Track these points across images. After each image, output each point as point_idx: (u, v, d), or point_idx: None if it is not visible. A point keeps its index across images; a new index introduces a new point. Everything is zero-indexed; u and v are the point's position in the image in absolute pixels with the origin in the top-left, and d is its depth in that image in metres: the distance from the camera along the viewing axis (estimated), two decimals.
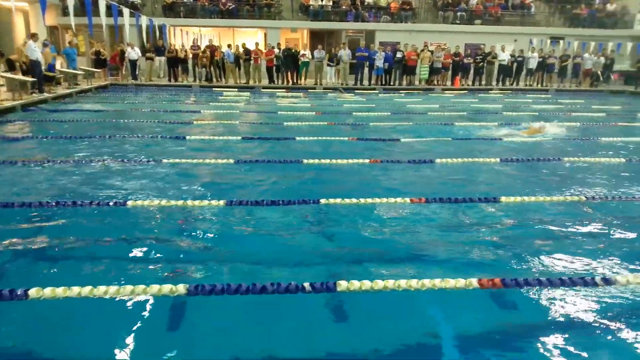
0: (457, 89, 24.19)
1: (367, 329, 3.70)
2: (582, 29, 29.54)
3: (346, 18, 28.65)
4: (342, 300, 3.97)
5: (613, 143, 11.02)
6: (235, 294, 3.66)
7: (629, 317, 3.82)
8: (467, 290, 3.89)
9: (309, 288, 3.68)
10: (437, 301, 3.98)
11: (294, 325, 3.70)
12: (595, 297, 4.06)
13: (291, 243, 5.21)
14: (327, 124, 12.96)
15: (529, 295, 4.10)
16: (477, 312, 3.96)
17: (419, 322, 3.82)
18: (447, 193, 6.63)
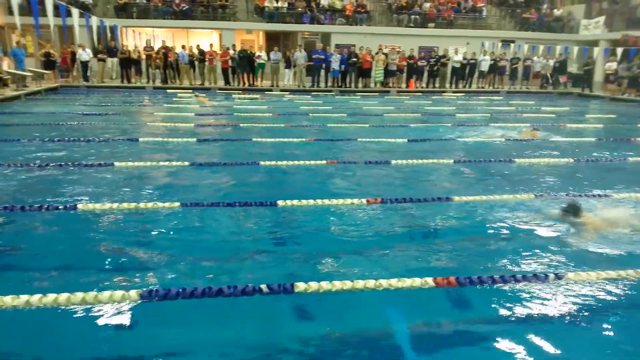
0: (411, 91, 24.49)
1: (326, 330, 3.69)
2: (531, 33, 30.35)
3: (302, 20, 28.65)
4: (300, 301, 3.94)
5: (562, 143, 11.35)
6: (191, 298, 3.61)
7: (578, 312, 3.92)
8: (424, 289, 3.94)
9: (266, 290, 3.65)
10: (395, 301, 4.00)
11: (253, 327, 3.66)
12: (547, 293, 4.16)
13: (248, 245, 5.16)
14: (284, 126, 12.94)
15: (484, 293, 4.16)
16: (433, 310, 4.00)
17: (377, 322, 3.83)
18: (403, 193, 6.71)
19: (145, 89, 22.52)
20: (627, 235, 5.50)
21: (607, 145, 11.44)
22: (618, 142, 11.91)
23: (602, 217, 5.77)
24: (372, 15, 30.18)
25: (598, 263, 4.74)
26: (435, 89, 25.02)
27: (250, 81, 24.21)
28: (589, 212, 5.77)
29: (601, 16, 29.20)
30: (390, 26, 29.66)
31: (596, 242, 5.27)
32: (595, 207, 6.18)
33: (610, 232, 5.43)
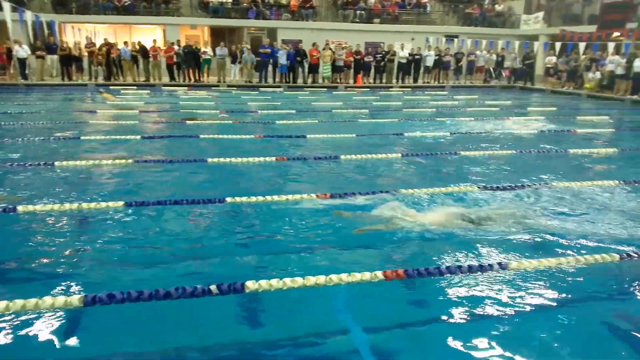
0: (359, 86, 24.63)
1: (279, 327, 3.63)
2: (474, 28, 31.04)
3: (247, 15, 28.38)
4: (252, 299, 3.87)
5: (505, 136, 11.63)
6: (137, 301, 3.48)
7: (522, 299, 4.01)
8: (374, 282, 3.93)
9: (216, 291, 3.56)
10: (346, 295, 3.99)
11: (204, 329, 3.57)
12: (492, 282, 4.23)
13: (196, 244, 5.04)
14: (232, 122, 12.77)
15: (432, 284, 4.20)
16: (384, 303, 4.01)
17: (329, 317, 3.81)
18: (352, 188, 6.71)
19: (88, 86, 21.81)
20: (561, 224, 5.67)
21: (548, 137, 11.79)
22: (559, 133, 12.29)
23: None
24: (318, 11, 30.18)
25: (542, 252, 4.87)
26: (382, 85, 25.23)
27: (196, 77, 23.82)
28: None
29: (540, 12, 30.09)
30: (336, 21, 29.73)
31: (540, 232, 5.41)
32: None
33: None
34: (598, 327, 3.74)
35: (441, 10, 32.83)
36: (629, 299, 4.18)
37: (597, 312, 3.95)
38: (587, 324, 3.77)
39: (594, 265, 4.50)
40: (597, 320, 3.83)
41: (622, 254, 4.66)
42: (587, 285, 4.32)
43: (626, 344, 3.57)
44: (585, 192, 6.96)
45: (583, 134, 12.20)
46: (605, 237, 5.33)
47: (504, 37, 29.70)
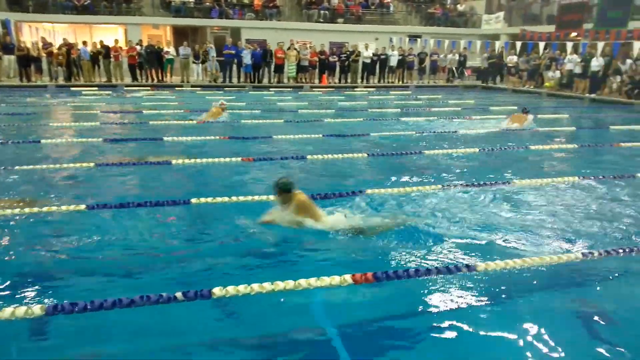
0: (324, 86, 24.64)
1: (249, 333, 3.58)
2: (437, 28, 31.36)
3: (210, 15, 28.09)
4: (220, 305, 3.81)
5: (468, 134, 11.78)
6: (100, 310, 3.39)
7: (489, 300, 4.05)
8: (343, 286, 3.92)
9: (181, 297, 3.49)
10: (316, 300, 3.97)
11: (170, 337, 3.50)
12: (460, 283, 4.26)
13: (162, 248, 4.95)
14: (196, 123, 12.62)
15: (401, 286, 4.20)
16: (354, 306, 4.00)
17: (300, 321, 3.78)
18: (318, 189, 6.68)
19: (48, 87, 21.24)
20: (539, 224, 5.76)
21: (510, 135, 11.98)
22: (521, 131, 12.50)
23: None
24: (282, 10, 30.08)
25: (505, 251, 4.93)
26: (347, 85, 25.28)
27: (159, 77, 23.47)
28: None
29: (500, 11, 30.59)
30: (300, 21, 29.68)
31: (504, 231, 5.48)
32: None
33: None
34: (564, 325, 3.80)
35: (404, 11, 33.07)
36: (593, 296, 4.25)
37: (563, 310, 4.01)
38: (554, 321, 3.83)
39: (558, 264, 4.57)
40: (563, 318, 3.89)
41: (584, 253, 4.75)
42: (551, 284, 4.39)
43: (591, 341, 3.64)
44: (546, 189, 7.09)
45: (544, 132, 12.43)
46: (567, 234, 5.44)
47: (466, 36, 30.09)
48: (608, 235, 5.44)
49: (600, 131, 13.31)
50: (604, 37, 21.62)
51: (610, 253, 4.79)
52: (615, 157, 9.89)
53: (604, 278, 4.52)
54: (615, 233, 5.51)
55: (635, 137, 12.28)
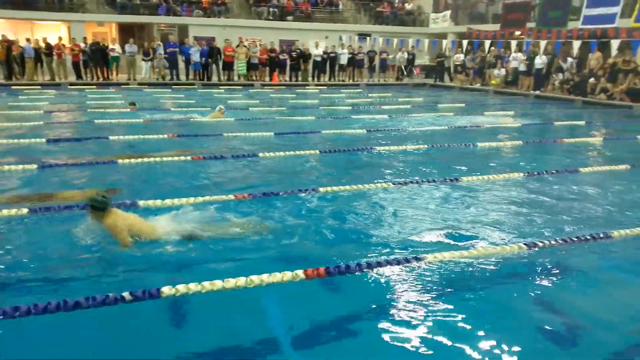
0: (275, 84, 24.54)
1: (202, 332, 3.52)
2: (385, 26, 31.68)
3: (157, 12, 27.56)
4: (171, 304, 3.72)
5: (417, 132, 11.95)
6: (44, 313, 3.26)
7: (439, 290, 4.11)
8: (295, 282, 3.90)
9: (129, 298, 3.40)
10: (269, 296, 3.93)
11: (121, 339, 3.39)
12: (410, 274, 4.31)
13: (108, 250, 4.80)
14: (143, 121, 12.34)
15: (354, 280, 4.22)
16: (307, 301, 3.99)
17: (253, 318, 3.74)
18: (271, 187, 6.65)
19: None
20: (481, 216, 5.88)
21: (458, 132, 12.22)
22: (468, 128, 12.76)
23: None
24: (230, 8, 29.79)
25: (454, 243, 5.02)
26: (298, 83, 25.25)
27: (105, 75, 22.88)
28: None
29: (447, 10, 31.15)
30: (249, 19, 29.47)
31: (452, 225, 5.57)
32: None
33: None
34: (513, 314, 3.89)
35: (353, 9, 33.28)
36: (537, 285, 4.36)
37: (511, 299, 4.09)
38: (502, 310, 3.91)
39: (503, 255, 4.69)
40: (511, 307, 3.98)
41: (528, 244, 4.89)
42: (498, 273, 4.48)
43: (538, 328, 3.73)
44: (493, 184, 7.25)
45: (490, 129, 12.72)
46: (512, 227, 5.58)
47: (415, 35, 30.51)
48: (552, 227, 5.60)
49: (545, 127, 13.71)
50: (546, 36, 22.30)
51: (552, 244, 4.95)
52: (559, 152, 10.23)
53: (547, 268, 4.65)
54: (558, 225, 5.68)
55: (577, 132, 12.72)
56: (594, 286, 4.40)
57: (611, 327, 3.73)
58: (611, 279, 4.57)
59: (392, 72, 28.19)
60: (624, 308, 4.05)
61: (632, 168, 8.49)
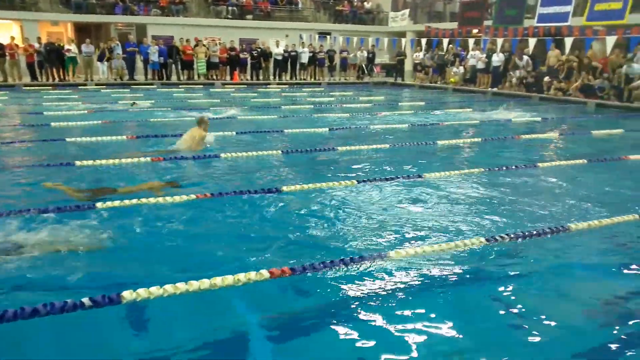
0: (236, 83, 24.35)
1: (167, 337, 3.46)
2: (345, 25, 31.78)
3: (114, 11, 27.02)
4: (134, 310, 3.65)
5: (379, 130, 12.02)
6: (1, 322, 3.16)
7: (403, 286, 4.14)
8: (260, 282, 3.88)
9: (89, 303, 3.32)
10: (234, 297, 3.89)
11: (81, 348, 3.31)
12: (375, 271, 4.34)
13: (67, 253, 4.67)
14: (101, 123, 12.08)
15: (318, 278, 4.21)
16: (273, 301, 3.97)
17: (220, 320, 3.69)
18: (233, 186, 6.59)
19: None
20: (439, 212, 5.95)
21: (418, 130, 12.35)
22: (428, 126, 12.91)
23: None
24: (189, 6, 29.44)
25: (416, 240, 5.06)
26: (259, 82, 25.12)
27: (61, 76, 22.32)
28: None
29: (406, 9, 31.43)
30: (208, 18, 29.19)
31: (414, 221, 5.62)
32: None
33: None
34: (474, 307, 3.95)
35: (313, 8, 33.29)
36: (497, 279, 4.44)
37: (472, 293, 4.16)
38: (464, 304, 3.96)
39: (463, 250, 4.77)
40: (473, 301, 4.04)
41: (489, 238, 4.98)
42: (460, 268, 4.54)
43: (498, 322, 3.80)
44: (454, 181, 7.35)
45: (450, 126, 12.90)
46: (474, 221, 5.66)
47: (374, 34, 30.69)
48: (512, 221, 5.72)
49: (503, 124, 13.96)
50: (503, 34, 22.72)
51: (512, 238, 5.06)
52: (516, 148, 10.44)
53: (507, 261, 4.75)
54: (518, 219, 5.80)
55: (534, 128, 13.00)
56: (552, 278, 4.49)
57: (569, 319, 3.83)
58: (568, 271, 4.68)
59: (352, 71, 28.31)
60: (579, 300, 4.15)
61: (588, 162, 8.73)
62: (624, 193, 7.07)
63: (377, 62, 29.16)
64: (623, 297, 4.18)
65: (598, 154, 9.52)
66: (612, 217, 5.73)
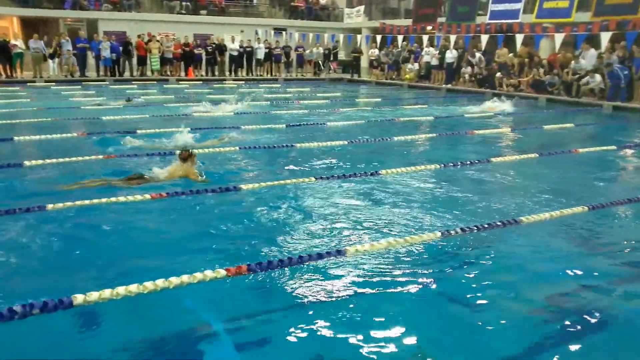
0: (191, 79, 24.02)
1: (123, 339, 3.37)
2: (301, 21, 31.73)
3: (63, 6, 26.26)
4: (86, 314, 3.54)
5: (336, 126, 12.05)
6: None
7: (362, 281, 4.16)
8: (218, 280, 3.83)
9: (38, 311, 3.20)
10: (190, 297, 3.82)
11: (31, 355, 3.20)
12: (333, 268, 4.34)
13: (15, 257, 4.51)
14: (51, 120, 11.71)
15: (276, 276, 4.19)
16: (230, 299, 3.93)
17: (175, 321, 3.62)
18: (189, 185, 6.49)
19: None
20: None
21: (375, 126, 12.43)
22: (385, 122, 13.01)
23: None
24: (141, 2, 28.87)
25: (375, 236, 5.09)
26: (215, 78, 24.83)
27: (8, 72, 21.55)
28: None
29: (361, 5, 31.59)
30: (162, 13, 28.69)
31: (371, 217, 5.65)
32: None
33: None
34: (429, 301, 3.99)
35: (268, 3, 33.11)
36: (452, 272, 4.50)
37: (427, 287, 4.19)
38: (421, 297, 4.00)
39: (419, 244, 4.82)
40: (429, 293, 4.08)
41: (442, 231, 5.06)
42: (416, 262, 4.59)
43: (451, 315, 3.85)
44: (410, 176, 7.42)
45: (406, 122, 13.03)
46: (429, 216, 5.73)
47: (330, 30, 30.73)
48: (466, 214, 5.81)
49: (457, 120, 14.19)
50: (456, 30, 23.08)
51: (466, 231, 5.15)
52: (470, 144, 10.62)
53: (460, 254, 4.84)
54: (472, 212, 5.90)
55: (486, 124, 13.25)
56: (503, 270, 4.58)
57: (519, 310, 3.91)
58: (519, 263, 4.77)
59: (309, 67, 28.29)
60: (529, 292, 4.24)
61: (540, 156, 8.95)
62: (574, 186, 7.29)
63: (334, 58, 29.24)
64: (572, 288, 4.30)
65: (549, 148, 9.77)
66: (562, 209, 5.89)
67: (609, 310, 3.92)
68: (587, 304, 4.01)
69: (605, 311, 3.89)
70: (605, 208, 6.12)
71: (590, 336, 3.57)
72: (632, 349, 3.49)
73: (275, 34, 28.39)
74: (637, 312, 3.97)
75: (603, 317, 3.79)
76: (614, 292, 4.27)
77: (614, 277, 4.53)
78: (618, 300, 4.14)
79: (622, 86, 16.43)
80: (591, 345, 3.48)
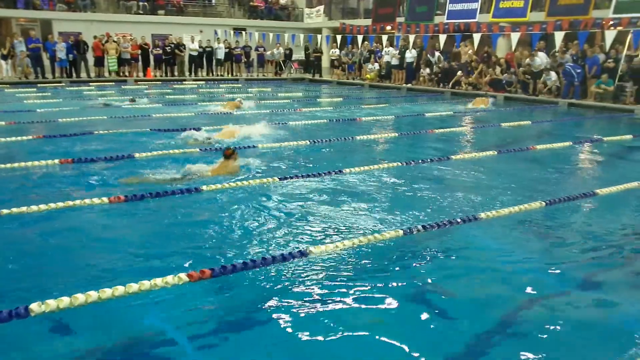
0: (150, 80, 23.66)
1: (83, 347, 3.28)
2: (261, 21, 31.58)
3: (15, 5, 25.50)
4: (44, 323, 3.44)
5: (298, 126, 12.03)
6: None
7: (326, 280, 4.16)
8: (180, 285, 3.77)
9: None
10: (151, 303, 3.75)
11: None
12: (296, 269, 4.33)
13: None
14: (5, 124, 11.35)
15: (241, 279, 4.15)
16: (192, 304, 3.86)
17: (138, 328, 3.55)
18: (149, 188, 6.37)
19: None
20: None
21: (337, 126, 12.46)
22: (346, 122, 13.06)
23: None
24: (97, 2, 28.28)
25: (337, 235, 5.10)
26: (175, 78, 24.53)
27: None
28: None
29: (321, 5, 31.63)
30: (118, 13, 28.16)
31: (333, 217, 5.66)
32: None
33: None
34: (394, 296, 4.01)
35: (227, 3, 32.85)
36: (414, 269, 4.54)
37: (390, 284, 4.22)
38: (385, 295, 4.02)
39: (382, 242, 4.85)
40: (393, 291, 4.09)
41: (405, 230, 5.11)
42: (379, 260, 4.61)
43: (416, 312, 3.88)
44: (372, 175, 7.47)
45: (367, 122, 13.11)
46: (392, 214, 5.78)
47: (290, 30, 30.68)
48: (427, 212, 5.87)
49: (417, 119, 14.34)
50: (415, 30, 23.33)
51: (427, 228, 5.21)
52: (431, 142, 10.75)
53: (422, 252, 4.88)
54: (433, 210, 5.97)
55: (446, 122, 13.43)
56: (463, 266, 4.64)
57: (477, 305, 3.97)
58: (479, 259, 4.84)
59: (270, 67, 28.18)
60: (488, 287, 4.32)
61: (498, 154, 9.12)
62: (531, 182, 7.45)
63: (295, 58, 29.19)
64: (531, 281, 4.38)
65: (507, 145, 9.97)
66: (520, 205, 6.01)
67: (567, 303, 4.02)
68: (546, 297, 4.10)
69: (562, 304, 3.98)
70: (561, 203, 6.27)
71: (548, 327, 3.63)
72: (588, 339, 3.58)
73: (235, 34, 28.18)
74: (592, 303, 4.09)
75: (561, 309, 3.88)
76: (572, 284, 4.37)
77: (571, 270, 4.64)
78: (577, 292, 4.25)
79: (575, 84, 16.91)
80: (550, 339, 3.55)
